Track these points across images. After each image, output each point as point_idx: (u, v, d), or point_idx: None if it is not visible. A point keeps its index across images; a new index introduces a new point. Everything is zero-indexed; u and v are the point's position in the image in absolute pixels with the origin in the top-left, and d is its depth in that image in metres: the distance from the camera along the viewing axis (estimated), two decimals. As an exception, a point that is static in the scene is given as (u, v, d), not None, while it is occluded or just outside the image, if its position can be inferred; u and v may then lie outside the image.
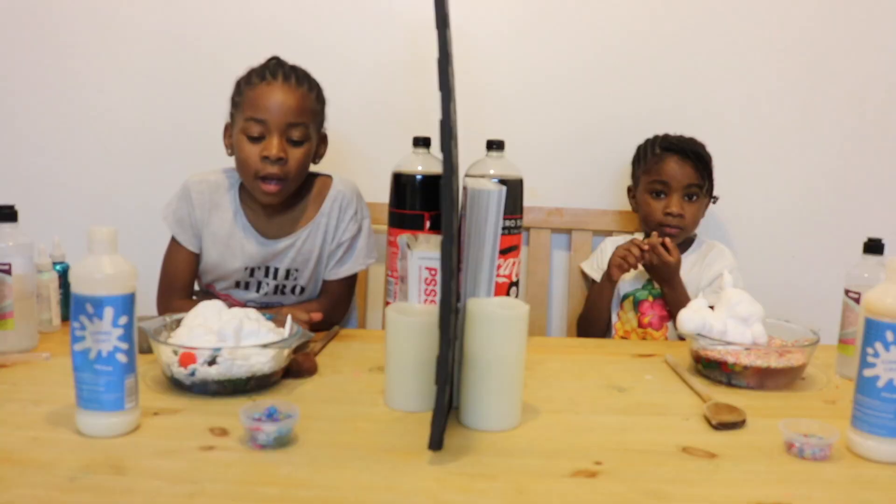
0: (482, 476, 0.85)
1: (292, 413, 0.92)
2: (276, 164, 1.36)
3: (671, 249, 1.54)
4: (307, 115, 1.40)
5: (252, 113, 1.37)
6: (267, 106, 1.36)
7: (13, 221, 1.25)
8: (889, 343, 0.91)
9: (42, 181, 1.87)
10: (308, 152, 1.42)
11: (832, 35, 1.82)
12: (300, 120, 1.38)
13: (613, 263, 1.59)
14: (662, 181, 1.64)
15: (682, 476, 0.87)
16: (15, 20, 1.83)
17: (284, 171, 1.38)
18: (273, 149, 1.35)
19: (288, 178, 1.39)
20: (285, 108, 1.36)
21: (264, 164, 1.36)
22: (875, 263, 1.27)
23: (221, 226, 1.47)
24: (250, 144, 1.37)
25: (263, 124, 1.36)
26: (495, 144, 1.47)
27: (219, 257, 1.47)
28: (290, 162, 1.38)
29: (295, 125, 1.37)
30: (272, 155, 1.35)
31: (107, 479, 0.81)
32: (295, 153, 1.38)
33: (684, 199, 1.65)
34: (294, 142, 1.38)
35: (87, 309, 0.89)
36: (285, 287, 1.50)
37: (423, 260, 1.22)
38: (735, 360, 1.19)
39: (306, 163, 1.43)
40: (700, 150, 1.65)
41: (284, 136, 1.37)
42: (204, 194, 1.47)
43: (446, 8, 0.82)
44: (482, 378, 0.98)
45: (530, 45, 1.83)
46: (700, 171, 1.64)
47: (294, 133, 1.38)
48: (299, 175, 1.42)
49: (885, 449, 0.92)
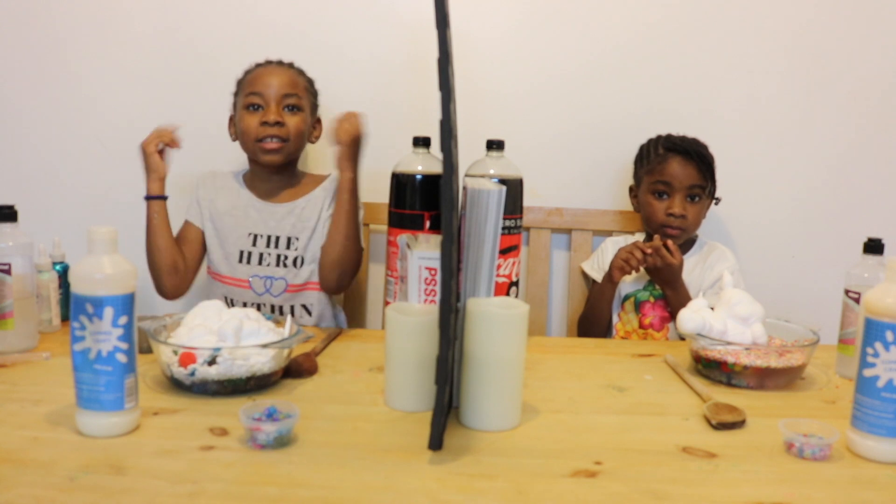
0: (482, 476, 0.85)
1: (292, 413, 0.92)
2: (274, 127, 1.51)
3: (674, 252, 1.54)
4: (300, 89, 1.56)
5: (251, 89, 1.54)
6: (264, 82, 1.53)
7: (13, 221, 1.25)
8: (889, 343, 0.91)
9: (42, 181, 1.88)
10: (304, 121, 1.56)
11: (832, 35, 1.82)
12: (293, 91, 1.55)
13: (615, 266, 1.59)
14: (665, 182, 1.64)
15: (682, 476, 0.87)
16: (15, 21, 1.83)
17: (283, 133, 1.52)
18: (272, 114, 1.51)
19: (288, 139, 1.53)
20: (280, 82, 1.53)
21: (264, 128, 1.51)
22: (875, 263, 1.27)
23: (226, 199, 1.60)
24: (250, 115, 1.53)
25: (261, 96, 1.53)
26: (495, 144, 1.47)
27: (224, 227, 1.57)
28: (288, 125, 1.53)
29: (289, 95, 1.54)
30: (271, 119, 1.51)
31: (107, 479, 0.81)
32: (291, 119, 1.54)
33: (687, 200, 1.64)
34: (290, 108, 1.54)
35: (86, 309, 0.89)
36: (287, 258, 1.54)
37: (423, 260, 1.22)
38: (735, 360, 1.19)
39: (302, 130, 1.56)
40: (703, 151, 1.65)
41: (280, 105, 1.53)
42: (207, 182, 1.62)
43: (446, 8, 0.83)
44: (482, 378, 0.98)
45: (530, 44, 1.83)
46: (703, 172, 1.63)
47: (289, 101, 1.54)
48: (297, 140, 1.55)
49: (884, 449, 0.92)
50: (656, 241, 1.57)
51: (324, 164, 1.79)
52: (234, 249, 1.55)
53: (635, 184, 1.74)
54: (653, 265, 1.56)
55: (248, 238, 1.55)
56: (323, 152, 1.75)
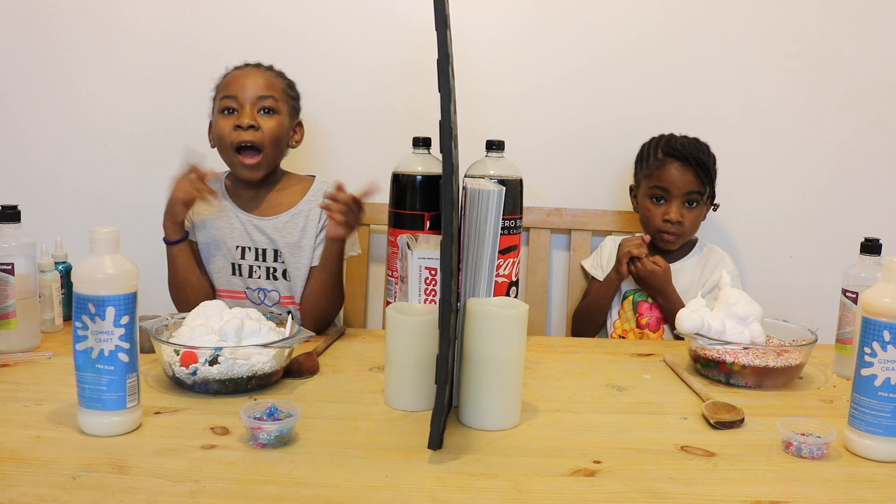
0: (482, 475, 0.86)
1: (293, 412, 0.93)
2: (248, 131, 1.44)
3: (658, 261, 1.57)
4: (276, 90, 1.49)
5: (225, 92, 1.48)
6: (239, 84, 1.47)
7: (16, 222, 1.25)
8: (886, 342, 0.92)
9: (44, 182, 1.88)
10: (280, 125, 1.48)
11: (832, 35, 1.82)
12: (269, 93, 1.47)
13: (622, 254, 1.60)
14: (663, 187, 1.64)
15: (681, 475, 0.88)
16: (18, 22, 1.83)
17: (258, 138, 1.45)
18: (245, 117, 1.44)
19: (263, 147, 1.46)
20: (254, 84, 1.47)
21: (238, 132, 1.44)
22: (872, 263, 1.28)
23: (210, 210, 1.53)
24: (225, 119, 1.47)
25: (235, 99, 1.46)
26: (495, 145, 1.48)
27: (210, 239, 1.52)
28: (264, 130, 1.45)
29: (264, 97, 1.47)
30: (244, 123, 1.44)
31: (108, 478, 0.82)
32: (266, 122, 1.46)
33: (684, 206, 1.64)
34: (265, 111, 1.47)
35: (89, 308, 0.90)
36: (276, 271, 1.52)
37: (423, 260, 1.22)
38: (733, 360, 1.20)
39: (279, 134, 1.49)
40: (702, 156, 1.63)
41: (255, 108, 1.46)
42: None
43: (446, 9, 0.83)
44: (482, 377, 0.98)
45: (530, 45, 1.83)
46: (701, 178, 1.62)
47: (264, 104, 1.47)
48: (274, 146, 1.48)
49: (881, 447, 0.93)
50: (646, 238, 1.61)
51: (306, 164, 1.77)
52: (225, 262, 1.52)
53: (635, 184, 1.75)
54: (636, 274, 1.57)
55: (237, 251, 1.52)
56: (305, 152, 1.73)
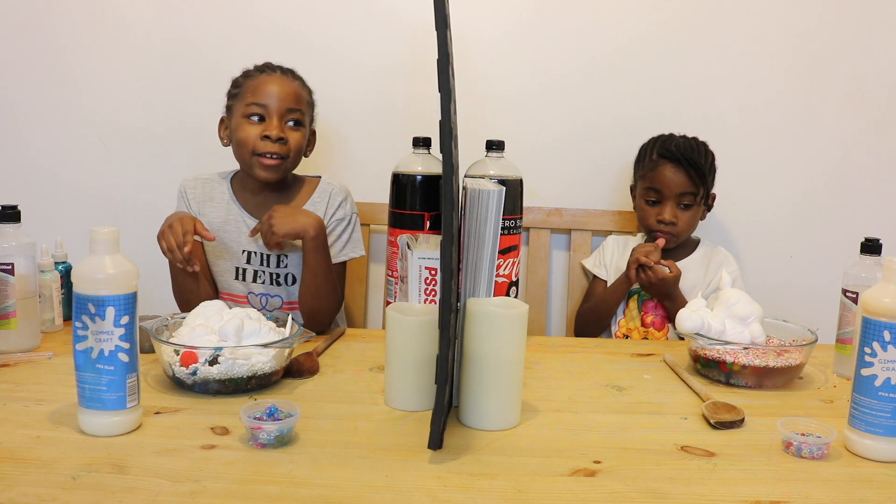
0: (482, 475, 0.86)
1: (293, 412, 0.93)
2: (276, 144, 1.44)
3: (670, 266, 1.56)
4: (303, 104, 1.50)
5: (253, 98, 1.46)
6: (268, 92, 1.46)
7: (16, 222, 1.25)
8: (886, 342, 0.92)
9: (44, 182, 1.88)
10: (304, 137, 1.50)
11: (832, 35, 1.82)
12: (297, 106, 1.48)
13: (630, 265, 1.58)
14: (656, 188, 1.64)
15: (681, 475, 0.88)
16: (18, 22, 1.83)
17: (284, 151, 1.46)
18: (274, 129, 1.44)
19: (287, 157, 1.47)
20: (284, 95, 1.46)
21: (264, 143, 1.44)
22: (872, 263, 1.28)
23: (217, 213, 1.53)
24: (251, 126, 1.46)
25: (264, 108, 1.45)
26: (495, 145, 1.48)
27: (217, 242, 1.51)
28: (290, 142, 1.46)
29: (293, 110, 1.47)
30: (273, 135, 1.44)
31: (108, 478, 0.82)
32: (293, 135, 1.47)
33: (678, 207, 1.64)
34: (293, 124, 1.48)
35: (89, 309, 0.90)
36: (279, 276, 1.52)
37: (423, 260, 1.22)
38: (734, 360, 1.20)
39: (302, 147, 1.51)
40: (696, 157, 1.63)
41: (283, 120, 1.46)
42: (197, 189, 1.55)
43: (446, 9, 0.83)
44: (482, 377, 0.98)
45: (530, 46, 1.84)
46: (694, 180, 1.62)
47: (293, 116, 1.47)
48: (295, 157, 1.50)
49: (882, 447, 0.93)
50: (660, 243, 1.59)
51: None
52: (229, 266, 1.52)
53: (634, 183, 1.75)
54: (646, 282, 1.56)
55: (242, 255, 1.51)
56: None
